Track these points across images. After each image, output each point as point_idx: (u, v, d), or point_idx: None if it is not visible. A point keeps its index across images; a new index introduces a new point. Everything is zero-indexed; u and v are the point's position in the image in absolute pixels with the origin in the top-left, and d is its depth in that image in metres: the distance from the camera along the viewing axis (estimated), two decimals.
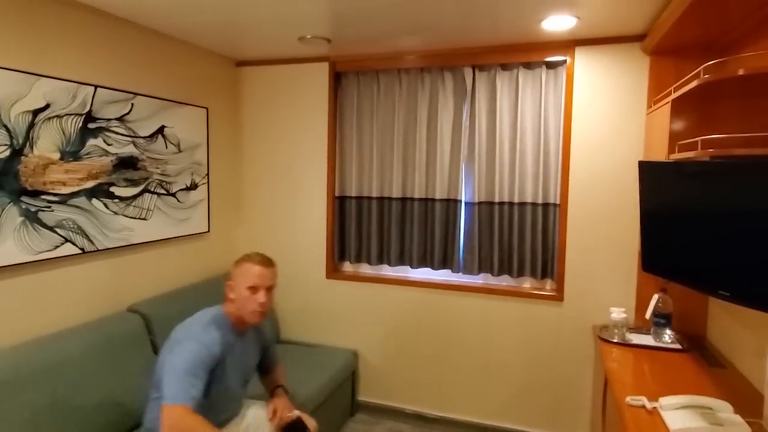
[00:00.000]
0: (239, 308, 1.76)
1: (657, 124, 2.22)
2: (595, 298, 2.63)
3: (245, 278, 1.74)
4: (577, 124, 2.60)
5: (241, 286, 1.74)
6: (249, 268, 1.75)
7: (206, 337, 1.67)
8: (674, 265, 1.81)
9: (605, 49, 2.53)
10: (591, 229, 2.61)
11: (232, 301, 1.78)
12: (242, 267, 1.77)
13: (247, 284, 1.73)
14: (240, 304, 1.75)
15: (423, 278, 3.01)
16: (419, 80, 2.90)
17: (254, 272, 1.74)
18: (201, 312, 1.80)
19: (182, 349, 1.62)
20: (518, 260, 2.77)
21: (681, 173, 1.73)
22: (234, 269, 1.79)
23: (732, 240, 1.45)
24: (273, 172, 3.22)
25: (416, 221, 2.94)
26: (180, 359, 1.59)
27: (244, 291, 1.74)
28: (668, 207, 1.80)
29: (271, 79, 3.17)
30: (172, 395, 1.53)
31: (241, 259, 1.80)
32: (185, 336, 1.68)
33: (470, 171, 2.84)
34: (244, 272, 1.76)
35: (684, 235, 1.72)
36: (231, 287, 1.78)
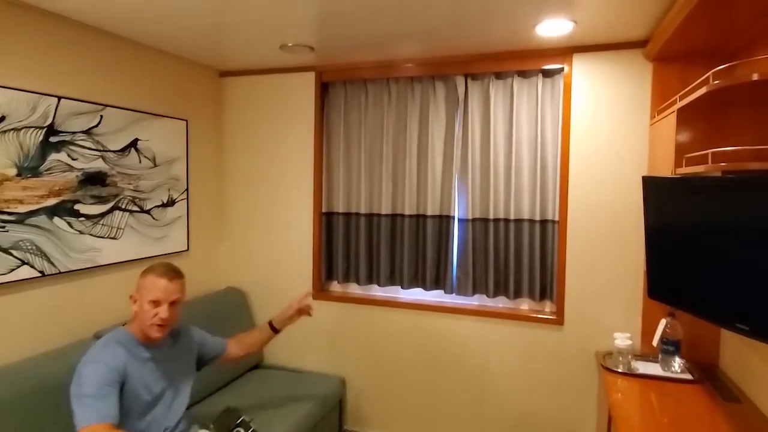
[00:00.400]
0: (141, 322, 1.70)
1: (661, 135, 2.06)
2: (598, 322, 2.45)
3: (148, 291, 1.69)
4: (576, 136, 2.44)
5: (144, 299, 1.69)
6: (153, 281, 1.69)
7: (102, 356, 1.62)
8: (684, 292, 1.62)
9: (605, 56, 2.38)
10: (592, 247, 2.44)
11: (135, 316, 1.73)
12: (146, 279, 1.70)
13: (150, 297, 1.68)
14: (141, 317, 1.70)
15: (414, 299, 2.83)
16: (409, 90, 2.75)
17: (158, 285, 1.68)
18: (105, 336, 1.74)
19: (79, 375, 1.57)
20: (515, 280, 2.59)
21: (690, 190, 1.56)
22: (139, 281, 1.72)
23: (751, 265, 1.28)
24: (257, 187, 3.07)
25: (407, 239, 2.78)
26: (79, 384, 1.54)
27: (146, 304, 1.68)
28: (676, 227, 1.62)
29: (255, 89, 3.04)
30: (84, 419, 1.47)
31: (146, 270, 1.73)
32: (82, 363, 1.62)
33: (463, 185, 2.68)
34: (147, 285, 1.69)
35: (695, 259, 1.54)
36: (134, 299, 1.72)
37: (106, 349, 1.65)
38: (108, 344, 1.67)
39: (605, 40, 2.33)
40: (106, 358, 1.62)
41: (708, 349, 2.24)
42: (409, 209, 2.76)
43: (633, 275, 2.38)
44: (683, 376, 2.07)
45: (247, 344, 2.18)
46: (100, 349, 1.65)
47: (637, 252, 2.37)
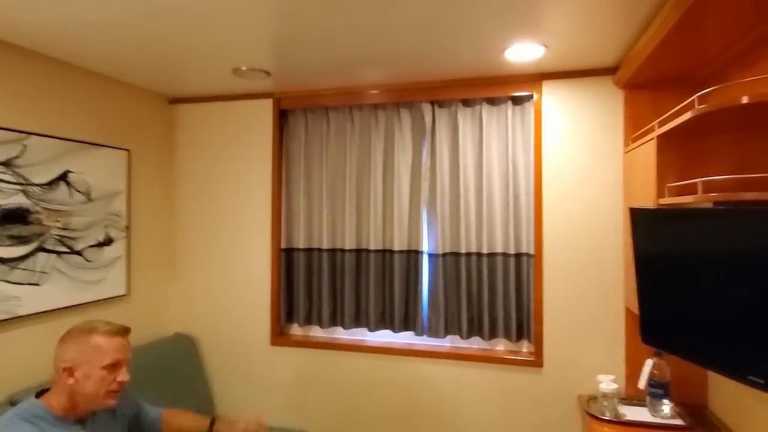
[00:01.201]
0: (87, 394, 1.41)
1: (639, 163, 1.96)
2: (579, 363, 2.28)
3: (100, 355, 1.41)
4: (549, 165, 2.33)
5: (94, 366, 1.40)
6: (105, 342, 1.43)
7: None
8: (684, 338, 1.47)
9: (574, 83, 2.30)
10: (570, 281, 2.29)
11: (64, 389, 1.40)
12: (90, 342, 1.42)
13: (104, 362, 1.41)
14: (88, 389, 1.40)
15: (382, 343, 2.60)
16: (373, 118, 2.60)
17: (114, 346, 1.44)
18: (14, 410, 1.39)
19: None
20: (489, 320, 2.41)
21: (686, 222, 1.43)
22: (74, 346, 1.41)
23: (764, 309, 1.14)
24: (211, 223, 2.81)
25: (373, 276, 2.57)
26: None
27: (98, 372, 1.41)
28: (674, 264, 1.48)
29: (209, 118, 2.82)
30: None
31: (82, 332, 1.43)
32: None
33: (432, 218, 2.52)
34: (95, 348, 1.41)
35: (697, 300, 1.40)
36: (70, 371, 1.40)
37: (10, 430, 1.33)
38: (14, 423, 1.34)
39: (575, 67, 2.25)
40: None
41: (696, 390, 2.10)
42: (374, 244, 2.57)
43: (614, 311, 2.24)
44: (674, 422, 1.91)
45: (178, 428, 1.76)
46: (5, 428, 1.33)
47: (617, 287, 2.23)
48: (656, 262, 1.57)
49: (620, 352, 2.23)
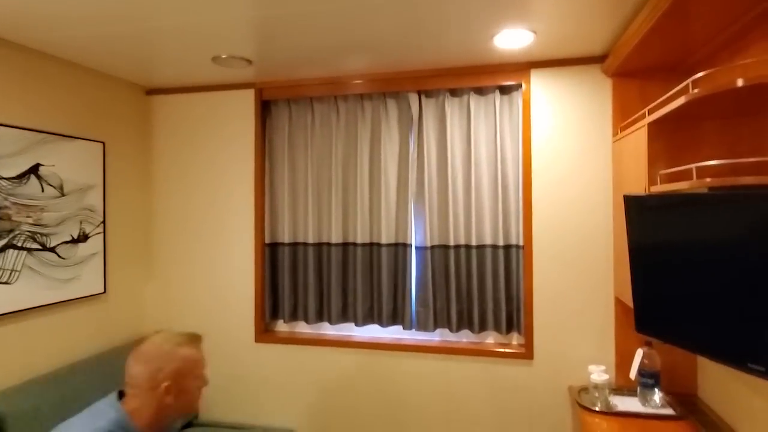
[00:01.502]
0: (181, 408, 1.35)
1: (629, 151, 1.94)
2: (569, 354, 2.26)
3: (193, 368, 1.37)
4: (538, 155, 2.30)
5: (190, 379, 1.35)
6: (193, 354, 1.37)
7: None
8: (680, 326, 1.45)
9: (563, 71, 2.27)
10: (560, 272, 2.27)
11: (157, 405, 1.31)
12: (180, 356, 1.34)
13: (198, 373, 1.38)
14: (184, 402, 1.36)
15: (370, 338, 2.55)
16: (359, 109, 2.54)
17: (200, 356, 1.40)
18: (91, 413, 1.28)
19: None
20: (479, 313, 2.38)
21: (681, 208, 1.40)
22: (169, 364, 1.32)
23: (765, 295, 1.11)
24: (192, 217, 2.72)
25: (360, 270, 2.51)
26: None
27: (193, 383, 1.36)
28: (668, 252, 1.46)
29: (188, 109, 2.73)
30: None
31: (168, 348, 1.34)
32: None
33: (420, 210, 2.47)
34: (186, 361, 1.35)
35: (693, 287, 1.38)
36: (168, 389, 1.31)
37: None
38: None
39: (563, 55, 2.22)
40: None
41: (685, 379, 2.10)
42: (361, 237, 2.51)
43: (604, 302, 2.22)
44: (665, 412, 1.91)
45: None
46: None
47: (607, 277, 2.22)
48: (651, 250, 1.55)
49: (610, 342, 2.21)
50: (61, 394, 1.96)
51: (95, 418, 1.26)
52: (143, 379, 1.29)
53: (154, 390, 1.30)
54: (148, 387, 1.29)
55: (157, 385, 1.29)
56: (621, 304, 2.18)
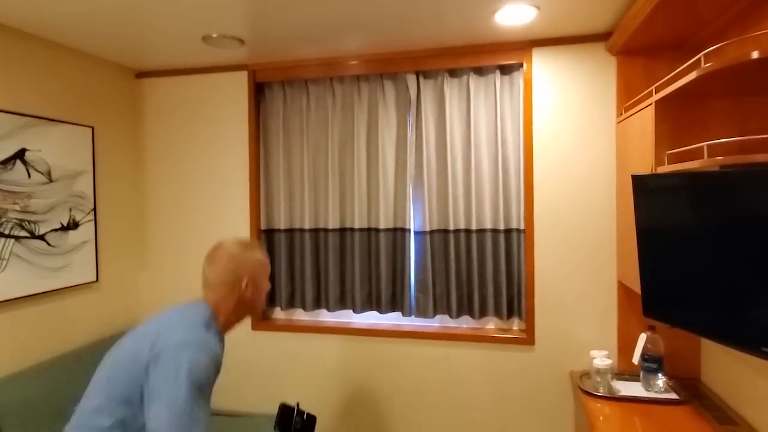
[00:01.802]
0: (255, 305, 1.49)
1: (634, 132, 1.88)
2: (571, 339, 2.23)
3: (265, 269, 1.51)
4: (539, 137, 2.24)
5: (264, 278, 1.51)
6: (263, 257, 1.51)
7: (210, 346, 1.27)
8: (689, 310, 1.40)
9: (565, 50, 2.20)
10: (562, 256, 2.23)
11: (236, 302, 1.44)
12: (257, 258, 1.48)
13: (268, 274, 1.54)
14: (258, 299, 1.50)
15: (369, 324, 2.51)
16: (356, 90, 2.47)
17: (267, 259, 1.54)
18: (183, 309, 1.37)
19: (181, 360, 1.19)
20: (480, 298, 2.34)
21: (692, 188, 1.35)
22: (248, 263, 1.45)
23: None
24: (185, 204, 2.66)
25: (358, 256, 2.46)
26: (183, 374, 1.17)
27: (266, 283, 1.52)
28: (677, 234, 1.41)
29: (179, 92, 2.65)
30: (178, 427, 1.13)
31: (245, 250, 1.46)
32: (182, 341, 1.23)
33: (419, 194, 2.42)
34: (260, 263, 1.49)
35: (703, 270, 1.33)
36: (249, 286, 1.45)
37: (209, 338, 1.29)
38: (208, 330, 1.32)
39: (566, 33, 2.15)
40: (214, 351, 1.28)
41: (688, 363, 2.07)
42: (359, 222, 2.46)
43: (606, 285, 2.19)
44: (668, 396, 1.88)
45: None
46: (205, 334, 1.29)
47: (610, 260, 2.18)
48: (660, 232, 1.50)
49: (612, 327, 2.18)
50: (52, 385, 1.92)
51: (188, 314, 1.33)
52: (225, 276, 1.41)
53: (234, 286, 1.41)
54: (230, 283, 1.41)
55: (238, 281, 1.42)
56: (624, 288, 2.15)
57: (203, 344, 1.24)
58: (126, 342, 1.30)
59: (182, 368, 1.18)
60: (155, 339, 1.24)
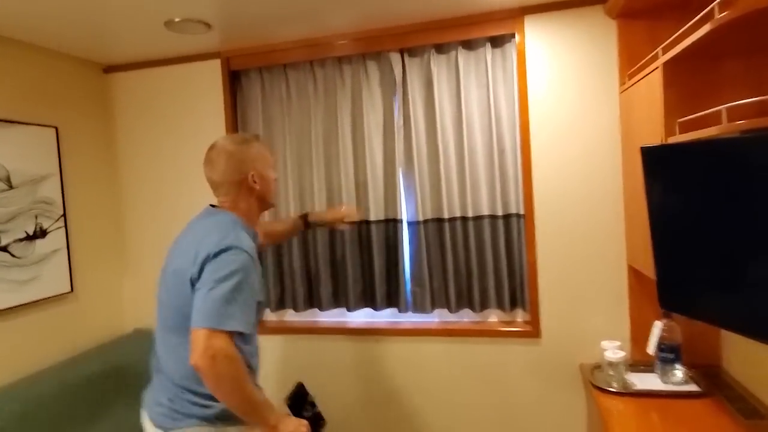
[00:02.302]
0: (266, 197, 1.49)
1: (640, 100, 1.71)
2: (580, 329, 2.08)
3: (266, 159, 1.49)
4: (536, 113, 2.07)
5: (267, 168, 1.49)
6: (262, 147, 1.50)
7: (246, 244, 1.31)
8: (712, 301, 1.24)
9: (560, 16, 2.02)
10: (566, 241, 2.07)
11: (247, 197, 1.45)
12: (255, 149, 1.46)
13: (271, 163, 1.51)
14: (268, 190, 1.49)
15: (365, 323, 2.37)
16: (338, 74, 2.30)
17: (267, 148, 1.53)
18: (209, 218, 1.41)
19: (222, 261, 1.25)
20: (480, 289, 2.19)
21: (713, 158, 1.18)
22: (248, 156, 1.44)
23: None
24: (165, 203, 2.51)
25: (349, 251, 2.31)
26: (230, 272, 1.23)
27: (271, 173, 1.50)
28: (696, 213, 1.24)
29: (150, 86, 2.49)
30: (215, 318, 1.18)
31: (242, 144, 1.45)
32: (218, 244, 1.27)
33: (410, 182, 2.25)
34: (261, 154, 1.48)
35: (726, 254, 1.17)
36: (253, 179, 1.44)
37: (244, 237, 1.33)
38: (241, 230, 1.35)
39: None
40: (250, 248, 1.31)
41: (708, 348, 1.92)
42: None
43: (616, 271, 2.02)
44: (689, 388, 1.73)
45: (271, 233, 1.90)
46: (238, 233, 1.32)
47: (618, 243, 2.01)
48: (674, 212, 1.33)
49: (624, 314, 2.02)
50: (25, 406, 1.78)
51: (218, 221, 1.36)
52: (230, 174, 1.41)
53: (242, 182, 1.41)
54: (237, 180, 1.41)
55: (244, 176, 1.41)
56: (635, 272, 1.99)
57: (242, 244, 1.27)
58: (169, 265, 1.38)
59: (229, 268, 1.22)
60: (196, 251, 1.27)
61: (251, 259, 1.29)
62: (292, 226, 1.94)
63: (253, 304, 1.29)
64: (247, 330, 1.25)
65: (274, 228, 1.92)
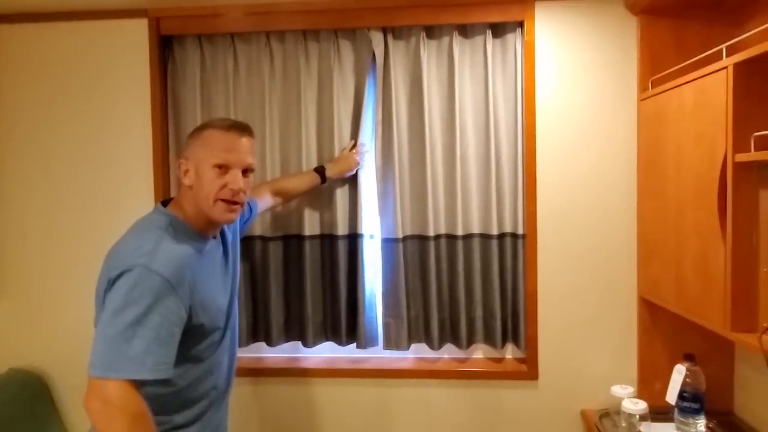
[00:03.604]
0: (196, 200, 1.16)
1: (681, 108, 1.45)
2: (583, 370, 1.80)
3: (209, 150, 1.15)
4: (543, 117, 1.77)
5: (205, 163, 1.15)
6: (214, 137, 1.16)
7: (161, 256, 1.04)
8: None
9: (575, 6, 1.74)
10: (570, 267, 1.78)
11: (188, 192, 1.17)
12: (202, 136, 1.18)
13: (214, 161, 1.15)
14: (202, 190, 1.15)
15: (324, 361, 1.93)
16: (302, 51, 1.84)
17: (226, 142, 1.16)
18: (138, 221, 1.18)
19: (122, 287, 1.00)
20: (467, 322, 1.84)
21: None
22: (190, 141, 1.20)
23: None
24: (58, 207, 1.90)
25: (309, 272, 1.86)
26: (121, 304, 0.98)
27: (208, 172, 1.15)
28: None
29: (46, 47, 1.87)
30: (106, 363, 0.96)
31: (200, 127, 1.20)
32: (122, 263, 1.02)
33: (388, 191, 1.85)
34: (205, 142, 1.16)
35: None
36: (184, 168, 1.18)
37: (162, 246, 1.06)
38: (161, 237, 1.08)
39: None
40: (172, 264, 1.05)
41: (721, 393, 1.71)
42: (309, 227, 1.86)
43: (624, 302, 1.77)
44: None
45: (283, 191, 1.69)
46: (154, 244, 1.06)
47: (629, 272, 1.76)
48: None
49: (631, 353, 1.77)
50: None
51: (139, 228, 1.14)
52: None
53: (178, 171, 1.19)
54: (179, 171, 1.19)
55: (179, 164, 1.19)
56: (646, 304, 1.74)
57: (154, 262, 1.01)
58: None
59: (129, 295, 0.99)
60: (106, 267, 1.09)
61: (166, 282, 1.02)
62: (308, 182, 1.73)
63: (170, 337, 1.02)
64: (154, 375, 0.98)
65: (286, 185, 1.71)
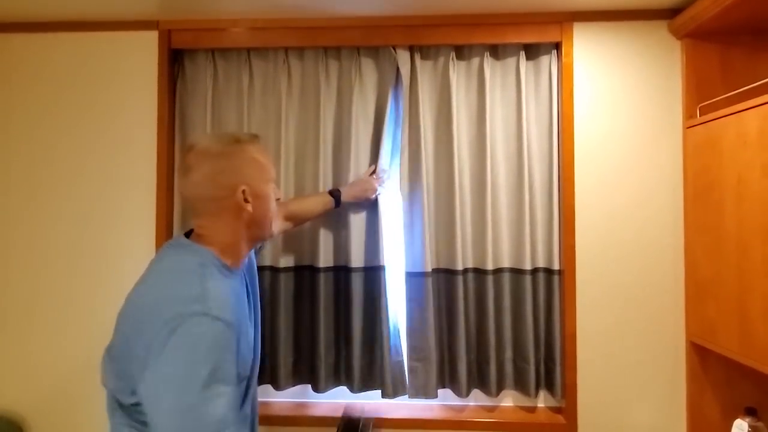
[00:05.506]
0: (261, 221, 1.05)
1: (741, 136, 1.33)
2: (627, 422, 1.62)
3: (262, 169, 1.04)
4: (581, 144, 1.65)
5: (262, 183, 1.04)
6: (257, 153, 1.04)
7: (220, 299, 0.92)
8: None
9: (615, 28, 1.65)
10: (612, 307, 1.63)
11: (234, 221, 1.02)
12: (244, 156, 1.01)
13: (270, 175, 1.06)
14: (266, 210, 1.05)
15: (339, 409, 1.73)
16: (322, 69, 1.72)
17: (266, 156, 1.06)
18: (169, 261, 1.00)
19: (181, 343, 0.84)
20: (497, 365, 1.67)
21: None
22: (238, 168, 1.00)
23: None
24: (46, 235, 1.72)
25: (322, 307, 1.69)
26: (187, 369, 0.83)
27: (267, 188, 1.05)
28: None
29: (47, 59, 1.73)
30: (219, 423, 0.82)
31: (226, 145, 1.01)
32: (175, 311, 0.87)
33: (415, 220, 1.71)
34: (254, 161, 1.02)
35: None
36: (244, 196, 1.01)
37: (214, 287, 0.93)
38: (211, 278, 0.94)
39: (618, 5, 1.60)
40: (225, 304, 0.93)
41: None
42: (324, 258, 1.70)
43: (672, 346, 1.61)
44: None
45: (294, 215, 1.52)
46: (206, 286, 0.92)
47: (677, 314, 1.61)
48: None
49: (680, 403, 1.60)
50: None
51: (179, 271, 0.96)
52: (209, 187, 0.99)
53: (226, 200, 1.00)
54: (220, 197, 1.00)
55: (230, 191, 1.00)
56: (697, 350, 1.58)
57: (213, 307, 0.89)
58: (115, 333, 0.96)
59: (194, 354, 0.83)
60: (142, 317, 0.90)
61: (225, 326, 0.89)
62: (321, 206, 1.57)
63: (233, 388, 0.89)
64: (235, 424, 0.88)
65: (299, 208, 1.54)
